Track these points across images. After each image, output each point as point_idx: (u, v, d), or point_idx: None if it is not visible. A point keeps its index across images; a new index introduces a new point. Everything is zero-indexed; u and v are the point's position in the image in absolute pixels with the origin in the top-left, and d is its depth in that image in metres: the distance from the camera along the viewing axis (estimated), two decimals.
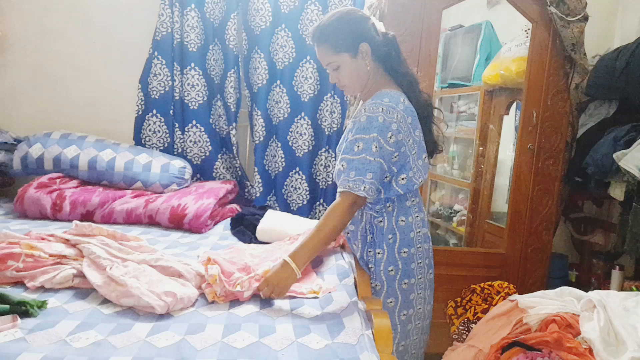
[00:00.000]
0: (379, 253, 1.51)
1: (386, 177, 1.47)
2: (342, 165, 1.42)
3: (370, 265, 1.52)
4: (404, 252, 1.52)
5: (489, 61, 3.05)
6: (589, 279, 2.80)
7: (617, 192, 2.29)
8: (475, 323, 1.76)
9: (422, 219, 1.58)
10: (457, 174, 3.49)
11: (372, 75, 1.51)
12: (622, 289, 2.36)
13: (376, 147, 1.39)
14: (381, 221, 1.51)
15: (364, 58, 1.47)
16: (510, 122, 3.13)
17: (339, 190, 1.42)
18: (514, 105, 3.00)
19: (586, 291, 1.65)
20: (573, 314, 1.50)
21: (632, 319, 1.45)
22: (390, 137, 1.40)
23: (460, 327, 1.82)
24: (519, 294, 1.77)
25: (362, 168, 1.38)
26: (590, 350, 1.35)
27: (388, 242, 1.51)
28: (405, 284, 1.52)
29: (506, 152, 3.14)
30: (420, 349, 1.65)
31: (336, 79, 1.52)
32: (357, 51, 1.46)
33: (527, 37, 2.60)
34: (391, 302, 1.52)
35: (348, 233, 1.63)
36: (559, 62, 2.43)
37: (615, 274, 2.49)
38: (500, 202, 3.15)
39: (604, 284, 2.60)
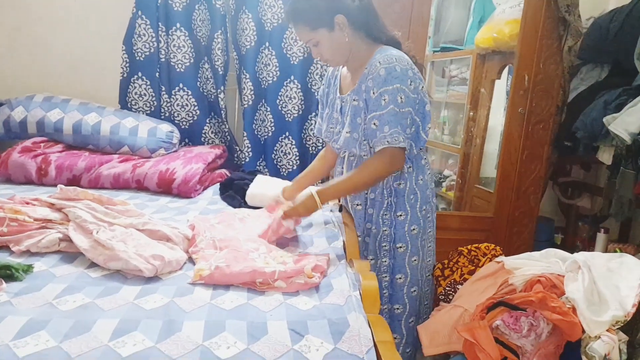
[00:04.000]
0: (400, 215, 1.57)
1: (412, 127, 1.49)
2: (374, 124, 1.43)
3: (384, 229, 1.58)
4: (424, 209, 1.61)
5: (482, 24, 3.00)
6: (574, 242, 2.85)
7: (606, 156, 2.30)
8: (462, 284, 1.78)
9: (431, 175, 1.66)
10: (447, 140, 3.49)
11: (355, 44, 1.48)
12: (606, 251, 2.40)
13: (401, 97, 1.41)
14: (400, 184, 1.56)
15: (342, 29, 1.44)
16: (501, 87, 3.10)
17: (377, 148, 1.44)
18: (506, 69, 2.97)
19: (571, 253, 1.67)
20: (558, 274, 1.52)
21: (615, 279, 1.48)
22: (410, 84, 1.43)
23: (447, 288, 1.84)
24: (506, 256, 1.78)
25: (394, 120, 1.41)
26: (574, 310, 1.38)
27: (410, 202, 1.57)
28: (423, 239, 1.63)
29: (497, 117, 3.12)
30: (431, 300, 1.77)
31: (318, 54, 1.50)
32: (334, 24, 1.42)
33: None
34: (415, 260, 1.62)
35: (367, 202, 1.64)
36: (553, 23, 2.39)
37: (600, 237, 2.54)
38: (490, 168, 3.16)
39: (589, 247, 2.65)
